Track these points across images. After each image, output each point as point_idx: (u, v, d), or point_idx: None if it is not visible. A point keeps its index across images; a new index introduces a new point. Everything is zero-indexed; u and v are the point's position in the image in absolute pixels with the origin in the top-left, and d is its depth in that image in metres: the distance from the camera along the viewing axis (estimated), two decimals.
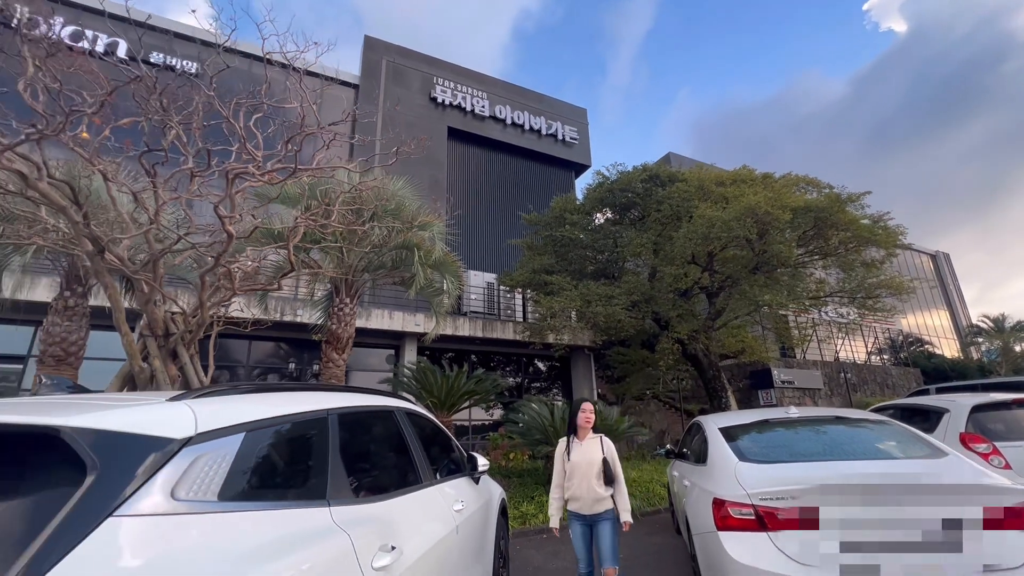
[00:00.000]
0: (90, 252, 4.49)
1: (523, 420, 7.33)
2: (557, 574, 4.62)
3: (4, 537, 0.82)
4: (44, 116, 3.68)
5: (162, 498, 1.00)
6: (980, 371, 25.05)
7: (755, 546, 2.54)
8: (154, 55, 15.98)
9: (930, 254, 38.87)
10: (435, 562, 2.01)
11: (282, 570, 1.12)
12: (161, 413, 1.14)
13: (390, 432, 2.28)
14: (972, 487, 2.45)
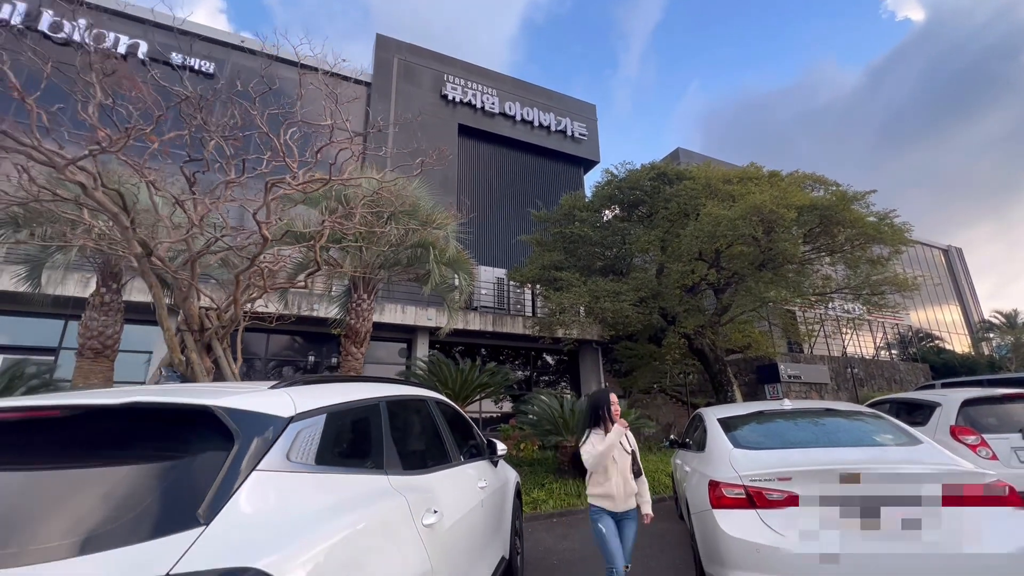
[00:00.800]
0: (138, 255, 4.88)
1: (534, 412, 7.69)
2: (567, 554, 4.97)
3: (178, 489, 1.17)
4: (108, 135, 4.05)
5: (282, 459, 1.34)
6: (990, 367, 24.99)
7: (745, 521, 2.86)
8: (174, 55, 16.38)
9: (942, 249, 38.55)
10: (466, 528, 2.37)
11: (364, 518, 1.47)
12: (270, 398, 1.49)
13: (426, 417, 2.64)
14: (948, 471, 2.75)
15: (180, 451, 1.23)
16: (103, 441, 1.27)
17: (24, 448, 1.26)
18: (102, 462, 1.19)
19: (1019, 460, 5.01)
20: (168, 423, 1.32)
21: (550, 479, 7.43)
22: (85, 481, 1.15)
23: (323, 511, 1.36)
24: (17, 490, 1.15)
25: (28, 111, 3.97)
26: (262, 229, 4.73)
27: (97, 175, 4.37)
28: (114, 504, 1.08)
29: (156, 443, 1.27)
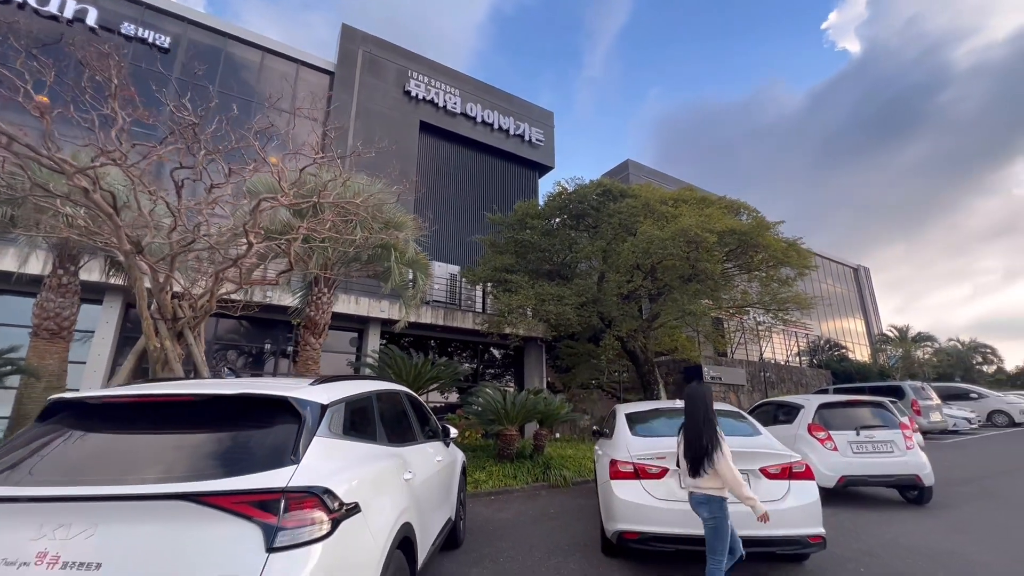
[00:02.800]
0: (127, 251, 5.34)
1: (480, 403, 8.61)
2: (501, 522, 5.94)
3: (274, 446, 1.97)
4: (118, 150, 4.53)
5: (326, 430, 2.16)
6: (880, 375, 28.50)
7: (631, 488, 3.92)
8: (125, 25, 15.80)
9: (852, 267, 42.93)
10: (428, 488, 3.25)
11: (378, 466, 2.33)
12: (313, 391, 2.29)
13: (399, 406, 3.49)
14: (767, 453, 3.92)
15: (272, 422, 2.03)
16: (221, 414, 2.05)
17: (178, 417, 2.03)
18: (226, 426, 1.99)
19: (852, 451, 6.49)
20: (262, 405, 2.11)
21: (491, 463, 8.40)
22: (217, 437, 1.95)
23: (352, 463, 2.19)
24: (188, 444, 1.93)
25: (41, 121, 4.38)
26: (249, 236, 5.32)
27: (96, 180, 4.82)
28: (247, 449, 1.89)
29: (254, 415, 2.06)
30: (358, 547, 1.97)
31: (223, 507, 1.68)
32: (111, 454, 1.98)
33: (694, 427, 3.37)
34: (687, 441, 3.39)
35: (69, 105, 5.21)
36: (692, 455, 3.33)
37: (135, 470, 1.86)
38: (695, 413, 3.40)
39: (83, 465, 1.90)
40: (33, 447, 1.96)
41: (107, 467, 1.89)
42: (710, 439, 3.27)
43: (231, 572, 1.59)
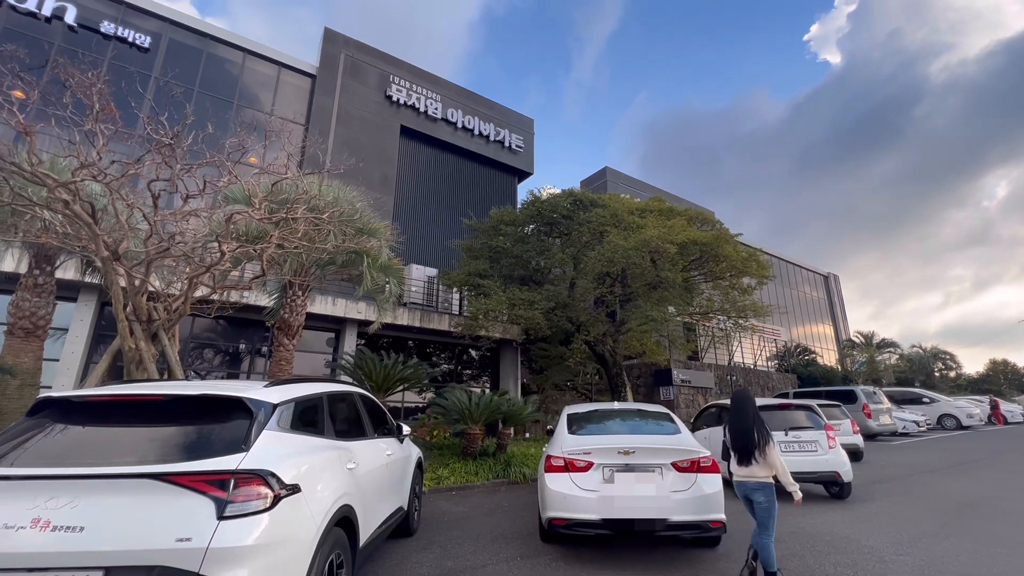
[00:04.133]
0: (105, 257, 5.67)
1: (445, 404, 9.06)
2: (457, 514, 6.39)
3: (229, 437, 2.41)
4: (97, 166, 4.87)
5: (275, 424, 2.59)
6: (844, 379, 29.67)
7: (562, 480, 4.42)
8: (104, 24, 15.86)
9: (823, 275, 44.39)
10: (374, 477, 3.70)
11: (322, 455, 2.78)
12: (267, 392, 2.72)
13: (351, 406, 3.94)
14: (678, 450, 4.45)
15: (228, 417, 2.46)
16: (185, 411, 2.48)
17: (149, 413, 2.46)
18: (189, 420, 2.42)
19: (782, 450, 7.07)
20: (220, 403, 2.55)
21: (455, 460, 8.85)
22: (182, 430, 2.38)
23: (297, 452, 2.64)
24: (157, 435, 2.35)
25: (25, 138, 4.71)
26: (221, 245, 5.69)
27: (76, 192, 5.16)
28: (206, 439, 2.32)
29: (213, 412, 2.49)
30: (297, 520, 2.41)
31: (183, 484, 2.12)
32: (91, 443, 2.39)
33: (744, 423, 3.87)
34: (737, 434, 3.89)
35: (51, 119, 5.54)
36: (741, 447, 3.83)
37: (111, 455, 2.28)
38: (744, 411, 3.92)
39: (67, 451, 2.31)
40: (24, 437, 2.37)
41: (87, 453, 2.31)
42: (760, 433, 3.80)
43: (187, 535, 2.03)
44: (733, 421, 3.99)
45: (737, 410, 3.99)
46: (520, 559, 4.57)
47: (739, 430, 3.89)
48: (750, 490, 3.80)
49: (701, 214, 15.39)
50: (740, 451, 3.86)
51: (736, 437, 3.90)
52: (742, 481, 3.86)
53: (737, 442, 3.89)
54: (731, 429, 3.99)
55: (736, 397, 4.10)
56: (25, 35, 14.64)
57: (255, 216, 5.80)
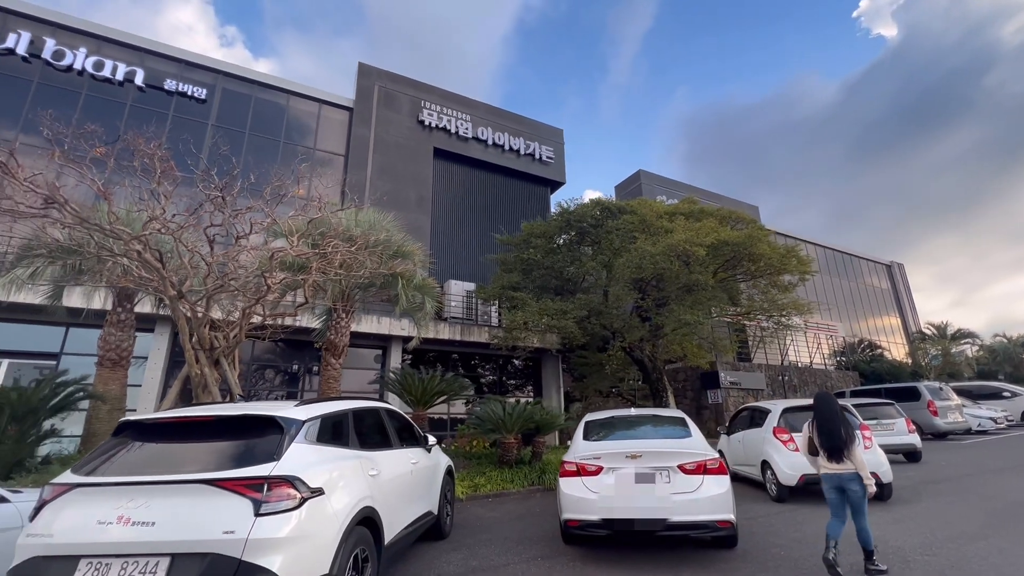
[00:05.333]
0: (172, 296, 6.52)
1: (479, 414, 9.49)
2: (490, 520, 6.76)
3: (264, 449, 2.92)
4: (161, 219, 5.69)
5: (304, 438, 3.09)
6: (912, 375, 27.75)
7: (574, 484, 4.71)
8: (168, 82, 17.69)
9: (885, 264, 41.72)
10: (397, 483, 4.16)
11: (344, 463, 3.26)
12: (296, 410, 3.24)
13: (376, 420, 4.42)
14: (685, 452, 4.63)
15: (264, 432, 2.98)
16: (230, 428, 3.03)
17: (202, 430, 3.03)
18: (234, 436, 2.96)
19: None
20: (257, 421, 3.08)
21: (491, 469, 9.24)
22: (227, 444, 2.92)
23: (321, 461, 3.12)
24: (209, 448, 2.92)
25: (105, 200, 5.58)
26: (267, 280, 6.41)
27: (147, 243, 6.02)
28: (242, 452, 2.85)
29: (253, 428, 3.02)
30: (321, 518, 2.87)
31: (228, 488, 2.63)
32: (159, 456, 2.97)
33: (832, 423, 4.31)
34: (825, 434, 4.32)
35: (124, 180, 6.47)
36: (831, 445, 4.27)
37: (175, 465, 2.84)
38: (830, 412, 4.37)
39: (142, 463, 2.89)
40: (111, 453, 2.98)
41: (157, 464, 2.88)
42: (847, 433, 4.24)
43: (232, 528, 2.53)
44: (820, 422, 4.41)
45: (822, 411, 4.44)
46: (540, 559, 4.88)
47: (828, 430, 4.32)
48: (845, 481, 4.20)
49: (734, 213, 15.14)
50: (830, 449, 4.28)
51: (825, 436, 4.32)
52: (835, 473, 4.26)
53: (826, 441, 4.30)
54: (819, 429, 4.40)
55: (819, 399, 4.55)
56: (103, 99, 16.62)
57: (293, 253, 6.48)
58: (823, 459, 4.35)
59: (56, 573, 2.50)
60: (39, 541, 2.59)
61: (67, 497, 2.72)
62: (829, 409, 4.39)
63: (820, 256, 37.53)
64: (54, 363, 13.40)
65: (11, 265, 9.14)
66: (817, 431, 4.40)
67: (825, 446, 4.30)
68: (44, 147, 14.58)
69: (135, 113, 17.02)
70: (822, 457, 4.35)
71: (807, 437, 4.56)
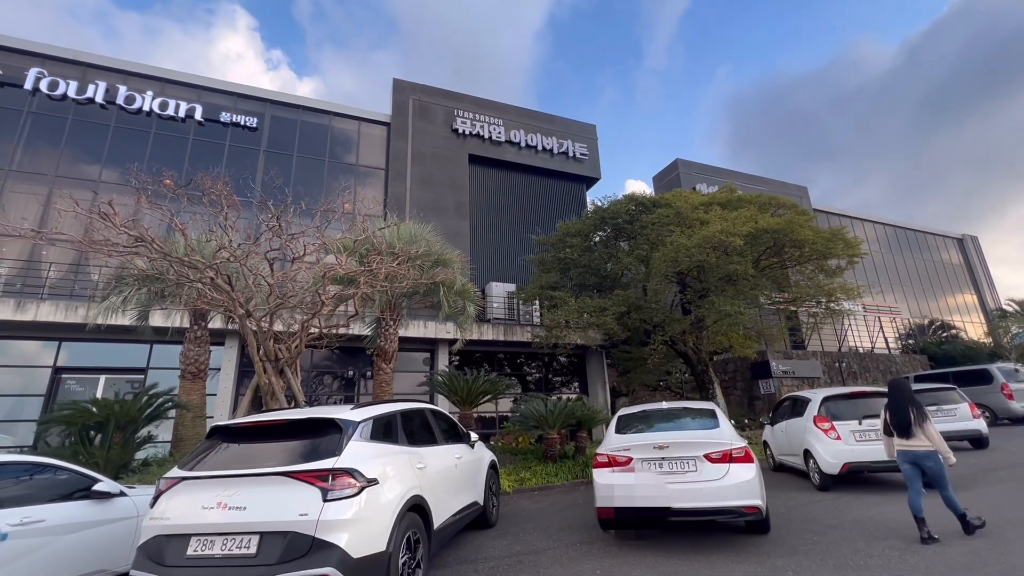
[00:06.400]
0: (241, 315, 7.33)
1: (522, 412, 9.91)
2: (534, 511, 7.17)
3: (328, 446, 3.46)
4: (227, 248, 6.48)
5: (360, 436, 3.61)
6: (990, 356, 25.78)
7: (606, 475, 5.04)
8: (223, 115, 19.22)
9: (956, 238, 38.80)
10: (443, 476, 4.64)
11: (394, 458, 3.77)
12: (352, 413, 3.77)
13: (422, 419, 4.94)
14: (710, 442, 4.85)
15: (326, 432, 3.53)
16: (299, 429, 3.60)
17: (277, 432, 3.62)
18: (302, 436, 3.52)
19: (855, 439, 7.01)
20: (320, 423, 3.64)
21: (536, 463, 9.64)
22: (297, 442, 3.48)
23: (375, 456, 3.63)
24: (284, 446, 3.50)
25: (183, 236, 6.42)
26: (321, 296, 7.10)
27: (218, 270, 6.83)
28: (309, 449, 3.40)
29: (317, 429, 3.58)
30: (377, 504, 3.38)
31: (301, 479, 3.18)
32: (245, 453, 3.57)
33: (902, 405, 4.87)
34: (896, 415, 4.90)
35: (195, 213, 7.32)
36: (899, 424, 4.84)
37: (258, 461, 3.43)
38: (901, 395, 4.96)
39: (232, 459, 3.51)
40: (207, 452, 3.62)
41: (244, 460, 3.48)
42: (917, 412, 4.81)
43: (306, 511, 3.07)
44: (891, 404, 5.01)
45: (894, 395, 5.03)
46: (579, 544, 5.25)
47: (898, 410, 4.90)
48: (919, 458, 4.71)
49: (775, 199, 14.76)
50: (899, 427, 4.86)
51: (895, 416, 4.91)
52: (907, 450, 4.81)
53: (896, 420, 4.89)
54: (890, 410, 5.00)
55: (892, 385, 5.15)
56: (169, 135, 18.31)
57: (341, 271, 7.14)
58: (897, 437, 4.89)
59: (174, 547, 3.13)
60: (159, 523, 3.24)
61: (177, 488, 3.37)
62: (900, 393, 4.96)
63: (882, 234, 35.44)
64: (142, 377, 14.99)
65: (105, 294, 10.43)
66: (890, 412, 4.97)
67: (895, 425, 4.87)
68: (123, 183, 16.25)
69: (197, 145, 18.64)
70: (896, 436, 4.89)
71: (883, 420, 5.11)
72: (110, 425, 8.04)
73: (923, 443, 4.68)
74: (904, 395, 4.94)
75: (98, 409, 8.12)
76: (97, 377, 14.42)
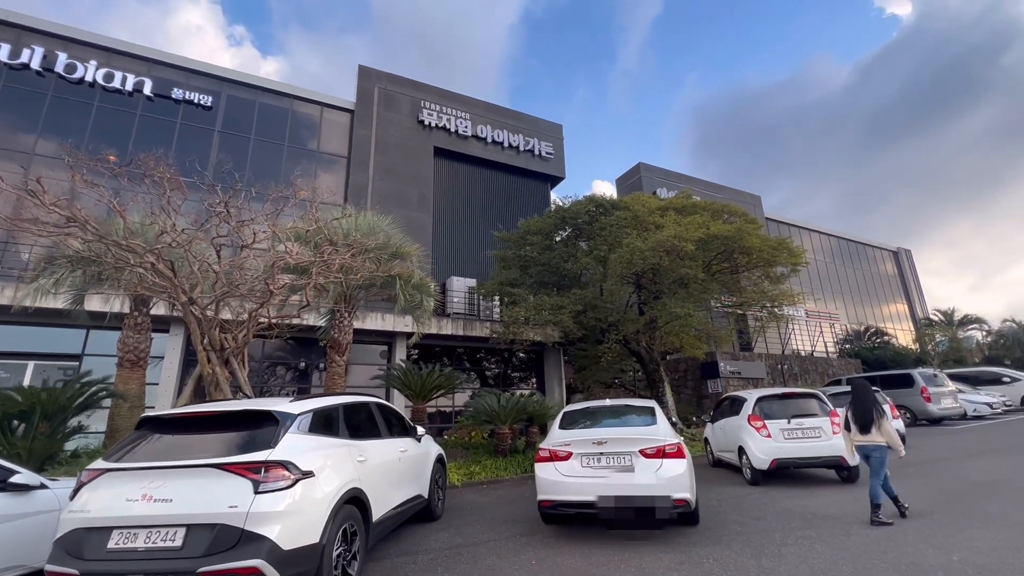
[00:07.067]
0: (184, 302, 7.08)
1: (475, 407, 10.01)
2: (480, 504, 7.28)
3: (263, 438, 3.44)
4: (170, 232, 6.23)
5: (295, 429, 3.59)
6: (916, 361, 27.82)
7: (547, 468, 5.19)
8: (175, 91, 18.28)
9: (891, 250, 41.49)
10: (385, 469, 4.67)
11: (333, 451, 3.77)
12: (291, 405, 3.75)
13: (367, 413, 4.95)
14: (645, 439, 5.09)
15: (262, 424, 3.50)
16: (234, 421, 3.55)
17: (211, 423, 3.56)
18: (237, 428, 3.48)
19: (784, 437, 7.46)
20: (256, 415, 3.60)
21: (487, 458, 9.77)
22: (231, 434, 3.44)
23: (312, 448, 3.63)
24: (217, 438, 3.44)
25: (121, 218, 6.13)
26: (269, 286, 6.94)
27: (159, 255, 6.57)
28: (244, 441, 3.37)
29: (253, 421, 3.55)
30: (312, 496, 3.38)
31: (232, 471, 3.15)
32: (175, 445, 3.50)
33: (864, 403, 5.42)
34: (858, 412, 5.41)
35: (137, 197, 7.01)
36: (862, 421, 5.35)
37: (188, 453, 3.37)
38: (864, 396, 5.49)
39: (161, 451, 3.43)
40: (135, 443, 3.52)
41: (174, 452, 3.41)
42: (877, 411, 5.33)
43: (235, 503, 3.05)
44: (855, 403, 5.49)
45: (859, 395, 5.54)
46: (519, 536, 5.40)
47: (861, 409, 5.42)
48: (870, 450, 5.29)
49: (727, 206, 15.43)
50: (861, 425, 5.37)
51: (859, 414, 5.42)
52: (863, 445, 5.35)
53: (859, 418, 5.41)
54: (853, 409, 5.48)
55: (856, 386, 5.67)
56: (114, 109, 17.27)
57: (292, 260, 7.00)
58: (855, 433, 5.41)
59: (95, 541, 3.05)
60: (79, 516, 3.14)
61: (100, 480, 3.27)
62: (862, 393, 5.52)
63: (826, 244, 37.47)
64: (76, 364, 14.14)
65: (35, 275, 9.79)
66: (852, 410, 5.48)
67: (858, 423, 5.39)
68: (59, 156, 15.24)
69: (145, 122, 17.67)
70: (854, 431, 5.41)
71: (845, 417, 5.63)
72: (36, 414, 7.59)
73: (878, 439, 5.24)
74: (868, 396, 5.47)
75: (23, 397, 7.65)
76: (25, 363, 13.52)
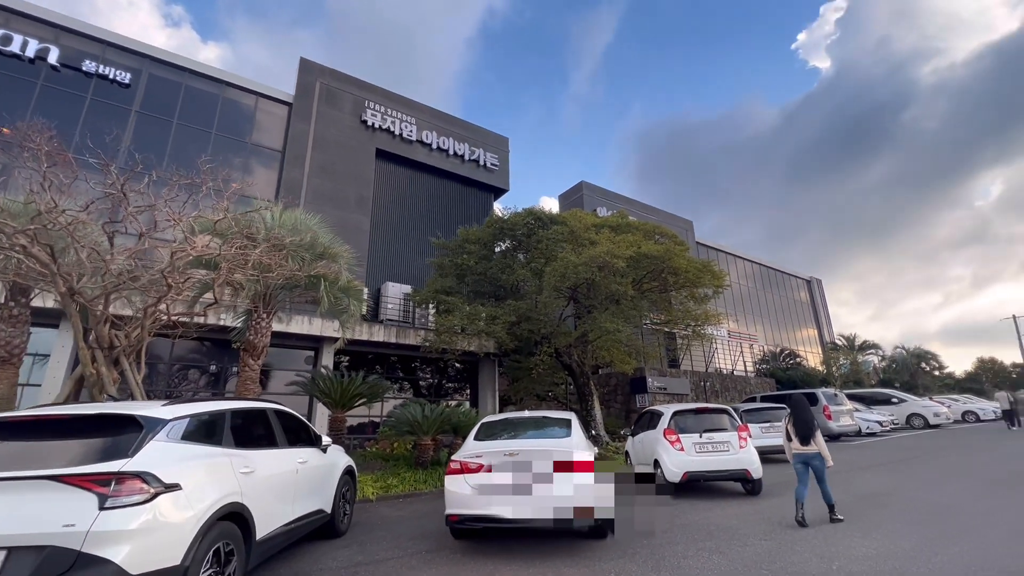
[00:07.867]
0: (63, 293, 6.31)
1: (396, 416, 9.65)
2: (392, 519, 6.95)
3: (119, 446, 3.03)
4: (56, 221, 5.53)
5: (166, 436, 3.21)
6: (822, 382, 30.23)
7: (457, 481, 5.02)
8: (87, 63, 16.66)
9: (804, 279, 45.14)
10: (277, 482, 4.31)
11: (210, 460, 3.40)
12: (163, 410, 3.35)
13: (261, 419, 4.55)
14: (557, 451, 5.05)
15: (122, 430, 3.09)
16: (87, 427, 3.11)
17: (54, 429, 3.09)
18: (91, 434, 3.04)
19: (696, 451, 7.70)
20: (117, 419, 3.18)
21: (405, 470, 9.41)
22: (82, 441, 3.00)
23: (182, 458, 3.25)
24: (60, 446, 2.98)
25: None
26: (167, 280, 6.33)
27: (34, 237, 5.81)
28: (95, 450, 2.95)
29: (111, 427, 3.12)
30: (175, 512, 3.01)
31: (72, 483, 2.73)
32: (11, 453, 3.01)
33: (804, 417, 5.99)
34: (799, 424, 5.96)
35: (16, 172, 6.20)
36: (802, 434, 5.91)
37: (20, 462, 2.90)
38: (804, 411, 6.07)
39: None
40: None
41: (9, 461, 2.93)
42: (813, 425, 5.94)
43: (72, 521, 2.64)
44: (796, 417, 6.07)
45: (798, 410, 6.12)
46: (425, 552, 5.16)
47: (802, 422, 5.98)
48: (810, 458, 5.88)
49: (659, 228, 16.11)
50: (802, 436, 5.93)
51: (800, 427, 5.97)
52: (802, 453, 5.91)
53: (800, 430, 5.96)
54: (795, 422, 6.04)
55: (795, 402, 6.27)
56: (9, 75, 15.45)
57: (193, 252, 6.44)
58: (796, 442, 5.97)
59: None
60: None
61: None
62: (802, 408, 6.13)
63: (750, 270, 40.14)
64: None
65: None
66: (793, 423, 6.05)
67: (799, 434, 5.95)
68: None
69: (47, 93, 15.95)
70: (795, 441, 5.97)
71: (786, 427, 6.16)
72: None
73: (813, 448, 5.86)
74: (807, 411, 6.11)
75: None
76: None
